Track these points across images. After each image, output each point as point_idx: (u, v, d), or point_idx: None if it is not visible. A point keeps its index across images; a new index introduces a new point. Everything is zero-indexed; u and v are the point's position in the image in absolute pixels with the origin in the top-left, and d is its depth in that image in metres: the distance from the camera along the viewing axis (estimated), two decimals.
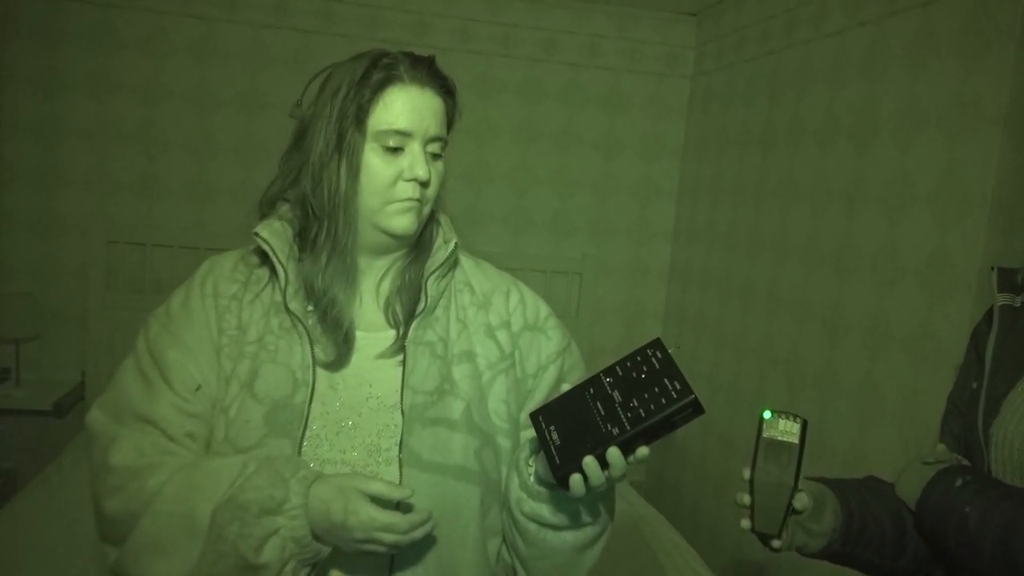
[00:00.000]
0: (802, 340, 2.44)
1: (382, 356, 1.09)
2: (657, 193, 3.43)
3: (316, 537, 0.93)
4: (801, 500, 0.96)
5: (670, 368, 0.93)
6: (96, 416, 1.07)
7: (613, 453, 0.91)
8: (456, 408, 1.07)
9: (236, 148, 3.00)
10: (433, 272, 1.12)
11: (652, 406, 0.91)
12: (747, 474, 0.97)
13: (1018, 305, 1.05)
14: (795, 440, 0.95)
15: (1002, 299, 1.06)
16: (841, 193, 2.28)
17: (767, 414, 0.97)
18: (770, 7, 2.73)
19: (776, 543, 0.98)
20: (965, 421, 1.07)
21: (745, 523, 0.97)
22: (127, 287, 2.90)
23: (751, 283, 2.77)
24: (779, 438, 0.96)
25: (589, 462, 0.91)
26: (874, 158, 2.15)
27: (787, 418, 0.96)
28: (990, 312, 1.09)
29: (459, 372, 1.10)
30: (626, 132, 3.36)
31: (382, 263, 1.14)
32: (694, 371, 3.14)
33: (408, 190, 1.06)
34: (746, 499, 0.97)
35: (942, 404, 1.19)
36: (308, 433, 1.02)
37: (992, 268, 1.10)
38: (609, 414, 0.93)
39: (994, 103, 1.77)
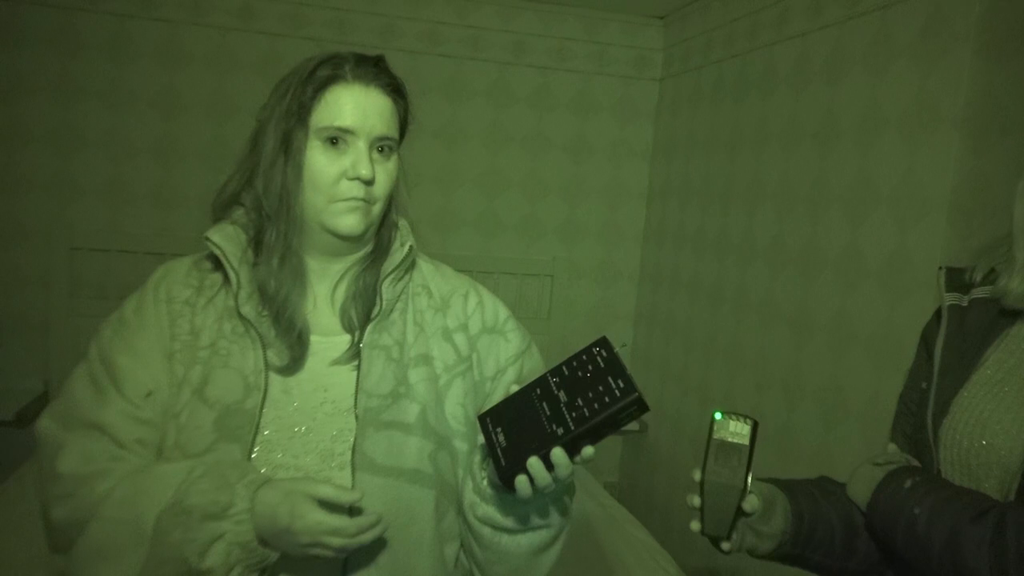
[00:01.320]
0: (769, 341, 2.46)
1: (337, 361, 1.08)
2: (627, 196, 3.45)
3: (263, 542, 0.93)
4: (751, 502, 0.96)
5: (615, 366, 0.92)
6: (45, 423, 1.05)
7: (557, 453, 0.91)
8: (411, 411, 1.06)
9: (203, 153, 2.97)
10: (388, 275, 1.12)
11: (596, 405, 0.90)
12: (697, 475, 0.96)
13: (966, 304, 1.06)
14: (746, 442, 0.95)
15: (950, 299, 1.07)
16: (805, 195, 2.31)
17: (718, 415, 0.96)
18: (734, 10, 2.76)
19: (725, 545, 0.97)
20: (915, 421, 1.07)
21: (695, 525, 0.97)
22: (91, 294, 2.85)
23: (719, 285, 2.79)
24: (729, 439, 0.95)
25: (534, 463, 0.91)
26: (836, 160, 2.18)
27: (738, 419, 0.96)
28: (939, 312, 1.10)
29: (415, 375, 1.10)
30: (595, 135, 3.37)
31: (338, 267, 1.14)
32: (664, 372, 3.15)
33: (352, 189, 1.05)
34: (696, 500, 0.96)
35: None
36: (260, 438, 1.01)
37: (940, 268, 1.11)
38: (555, 414, 0.93)
39: (951, 106, 1.79)
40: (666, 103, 3.33)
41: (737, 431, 0.95)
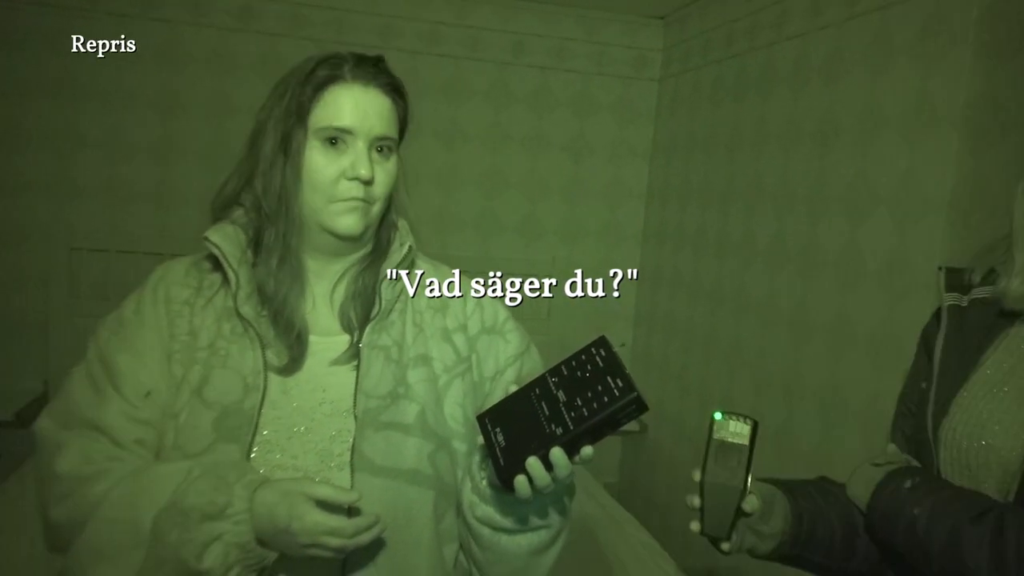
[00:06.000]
0: (768, 342, 2.45)
1: (336, 362, 1.09)
2: (626, 196, 3.45)
3: (261, 542, 0.92)
4: (751, 502, 0.95)
5: (614, 366, 0.92)
6: (44, 423, 1.05)
7: (556, 454, 0.91)
8: (410, 412, 1.07)
9: (202, 153, 2.97)
10: (387, 276, 1.11)
11: (595, 405, 0.90)
12: (697, 476, 0.96)
13: (965, 305, 1.06)
14: (745, 442, 0.94)
15: (949, 299, 1.07)
16: (804, 195, 2.30)
17: (718, 415, 0.96)
18: (733, 10, 2.76)
19: (725, 546, 0.97)
20: (915, 421, 1.07)
21: (695, 525, 0.96)
22: (90, 294, 2.84)
23: (719, 285, 2.79)
24: (729, 440, 0.95)
25: (533, 463, 0.91)
26: (836, 160, 2.17)
27: (738, 419, 0.95)
28: (938, 312, 1.10)
29: (414, 376, 1.10)
30: (595, 135, 3.37)
31: (337, 267, 1.14)
32: (664, 372, 3.15)
33: (352, 189, 1.05)
34: (696, 501, 0.96)
35: None
36: (259, 438, 1.01)
37: (939, 268, 1.11)
38: (553, 414, 0.93)
39: (950, 106, 1.79)
40: (665, 103, 3.33)
41: (737, 431, 0.95)
